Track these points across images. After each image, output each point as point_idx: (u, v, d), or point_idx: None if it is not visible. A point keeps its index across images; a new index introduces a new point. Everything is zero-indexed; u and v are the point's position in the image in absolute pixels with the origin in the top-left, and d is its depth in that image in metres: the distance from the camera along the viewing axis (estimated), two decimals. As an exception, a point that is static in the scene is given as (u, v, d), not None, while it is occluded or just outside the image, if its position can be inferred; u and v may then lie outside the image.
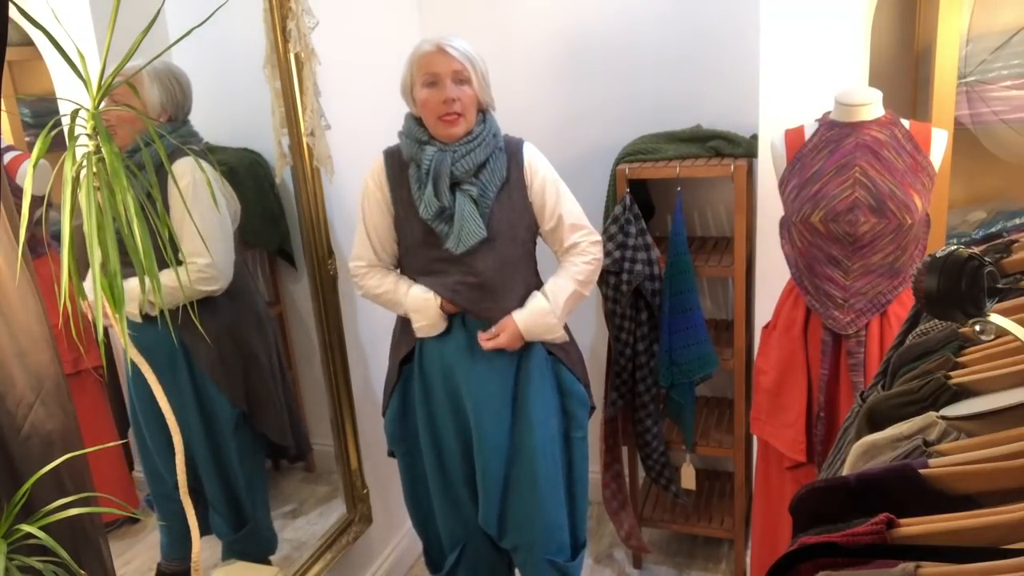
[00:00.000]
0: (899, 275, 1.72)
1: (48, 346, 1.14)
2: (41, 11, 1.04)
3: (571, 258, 1.87)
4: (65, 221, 1.01)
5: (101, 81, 1.05)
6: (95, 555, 1.22)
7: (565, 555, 2.01)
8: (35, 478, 1.04)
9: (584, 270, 1.87)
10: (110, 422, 1.74)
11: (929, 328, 1.03)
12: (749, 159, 2.25)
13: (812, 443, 1.86)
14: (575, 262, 1.87)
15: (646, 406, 2.37)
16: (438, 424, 1.93)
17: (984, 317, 0.76)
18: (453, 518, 2.01)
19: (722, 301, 2.68)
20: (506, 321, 1.83)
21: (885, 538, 0.59)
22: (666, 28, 2.43)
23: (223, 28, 1.26)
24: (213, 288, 1.78)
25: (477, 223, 1.75)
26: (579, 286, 1.86)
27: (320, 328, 2.13)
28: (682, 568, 2.60)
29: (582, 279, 1.87)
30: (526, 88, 2.61)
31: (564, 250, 1.88)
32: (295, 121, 1.96)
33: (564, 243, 1.87)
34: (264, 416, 1.97)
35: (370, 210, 1.86)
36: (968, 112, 2.00)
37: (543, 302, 1.84)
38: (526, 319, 1.83)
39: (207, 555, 1.88)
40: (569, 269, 1.87)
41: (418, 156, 1.77)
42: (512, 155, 1.83)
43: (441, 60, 1.72)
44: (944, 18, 1.90)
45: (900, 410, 0.85)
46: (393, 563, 2.57)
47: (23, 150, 1.51)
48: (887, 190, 1.64)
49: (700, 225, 2.61)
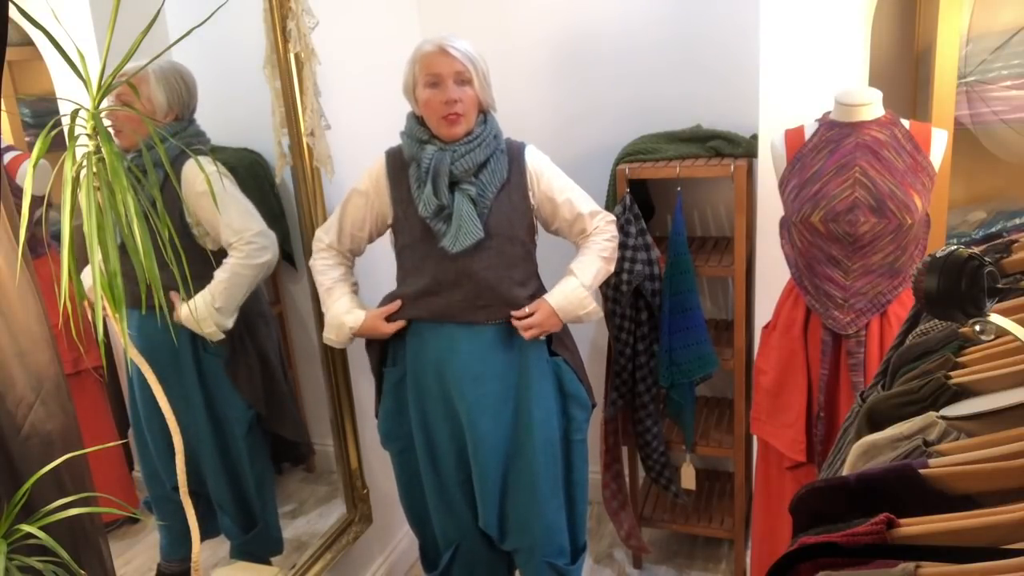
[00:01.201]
0: (899, 275, 1.72)
1: (48, 346, 1.14)
2: (41, 11, 1.04)
3: (592, 238, 1.91)
4: (65, 221, 1.01)
5: (101, 81, 1.05)
6: (95, 555, 1.22)
7: (565, 558, 2.01)
8: (35, 478, 1.04)
9: (607, 247, 1.91)
10: (110, 422, 1.74)
11: (929, 328, 1.03)
12: (749, 159, 2.24)
13: (812, 443, 1.86)
14: (597, 240, 1.90)
15: (646, 406, 2.37)
16: (432, 426, 1.92)
17: (984, 317, 0.76)
18: (447, 519, 2.00)
19: (722, 301, 2.68)
20: (539, 302, 1.84)
21: (885, 538, 0.59)
22: (666, 28, 2.43)
23: (223, 28, 1.26)
24: (268, 258, 1.79)
25: (475, 223, 1.75)
26: (604, 262, 1.91)
27: (320, 328, 2.13)
28: (682, 568, 2.60)
29: (607, 255, 1.91)
30: (526, 88, 2.61)
31: (586, 236, 1.92)
32: (295, 121, 1.96)
33: (587, 230, 1.90)
34: (280, 416, 1.98)
35: (354, 203, 1.88)
36: (968, 112, 2.00)
37: (571, 280, 1.86)
38: (558, 297, 1.84)
39: (207, 555, 1.88)
40: (592, 248, 1.90)
41: (418, 155, 1.77)
42: (514, 158, 1.84)
43: (443, 61, 1.73)
44: (944, 18, 1.90)
45: (900, 410, 0.85)
46: (393, 563, 2.57)
47: (23, 150, 1.51)
48: (887, 190, 1.64)
49: (700, 225, 2.61)
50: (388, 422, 1.98)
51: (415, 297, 1.85)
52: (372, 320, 1.87)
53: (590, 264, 1.88)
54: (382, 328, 1.86)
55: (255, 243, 1.77)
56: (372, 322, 1.87)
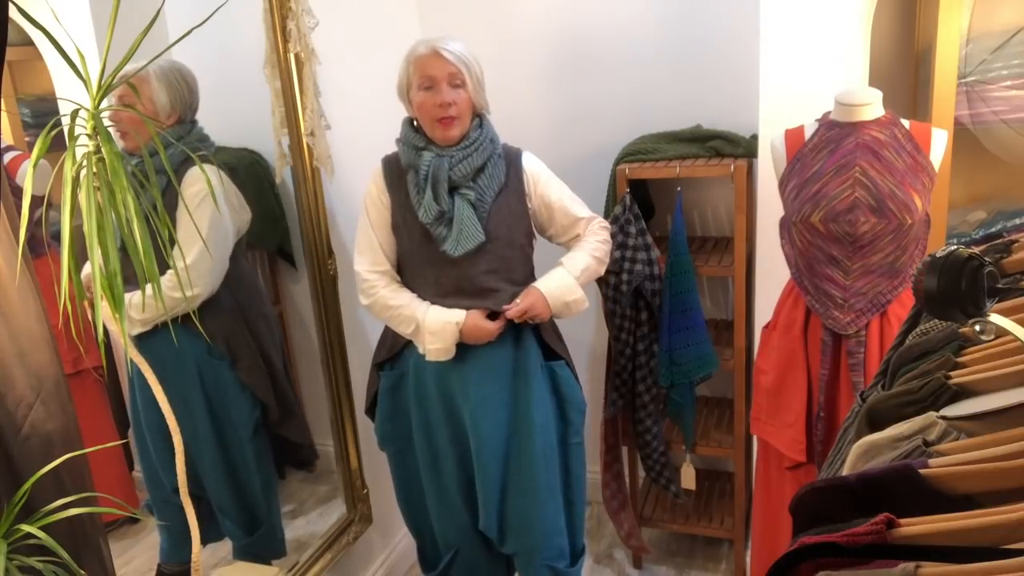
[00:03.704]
0: (899, 275, 1.72)
1: (48, 346, 1.14)
2: (41, 11, 1.04)
3: (586, 238, 1.93)
4: (65, 221, 1.01)
5: (101, 81, 1.05)
6: (95, 555, 1.22)
7: (565, 561, 2.01)
8: (35, 478, 1.04)
9: (599, 247, 1.93)
10: (110, 422, 1.74)
11: (929, 328, 1.03)
12: (749, 159, 2.24)
13: (812, 443, 1.86)
14: (589, 240, 1.93)
15: (646, 406, 2.37)
16: (433, 429, 1.92)
17: (984, 317, 0.76)
18: (447, 522, 2.00)
19: (722, 301, 2.68)
20: (528, 290, 1.83)
21: (885, 538, 0.59)
22: (667, 28, 2.43)
23: (223, 28, 1.26)
24: (194, 292, 1.67)
25: (476, 227, 1.76)
26: (595, 262, 1.92)
27: (320, 328, 2.13)
28: (682, 568, 2.60)
29: (598, 255, 1.93)
30: (526, 88, 2.61)
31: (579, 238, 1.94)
32: (295, 121, 1.96)
33: (582, 235, 1.93)
34: (286, 417, 1.98)
35: (377, 218, 1.86)
36: (968, 112, 2.00)
37: (560, 270, 1.88)
38: (545, 281, 1.85)
39: (207, 556, 1.88)
40: (584, 246, 1.92)
41: (416, 162, 1.78)
42: (511, 162, 1.85)
43: (437, 63, 1.73)
44: (944, 18, 1.90)
45: (900, 410, 0.85)
46: (393, 563, 2.57)
47: (23, 150, 1.51)
48: (887, 190, 1.64)
49: (700, 225, 2.61)
50: (385, 424, 1.98)
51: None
52: (474, 317, 1.79)
53: (580, 259, 1.90)
54: (485, 325, 1.79)
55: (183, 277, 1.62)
56: (475, 319, 1.79)
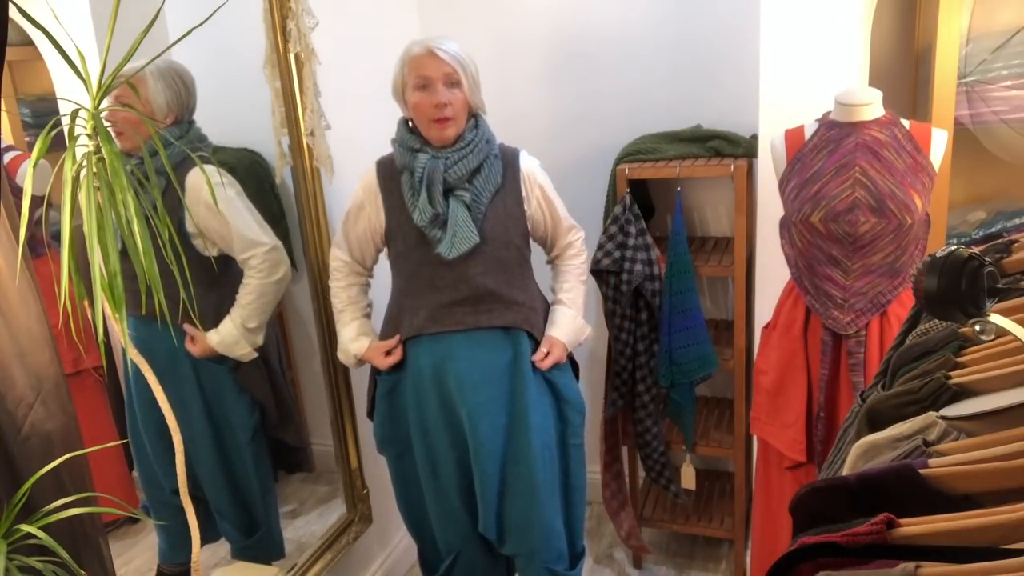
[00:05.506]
0: (899, 275, 1.72)
1: (48, 346, 1.14)
2: (41, 11, 1.04)
3: (569, 261, 2.00)
4: (65, 221, 1.01)
5: (101, 81, 1.05)
6: (95, 555, 1.22)
7: (564, 563, 2.00)
8: (35, 478, 1.04)
9: (583, 269, 2.01)
10: (110, 422, 1.74)
11: (929, 328, 1.03)
12: (749, 159, 2.24)
13: (812, 443, 1.86)
14: (574, 264, 2.00)
15: (646, 406, 2.37)
16: (431, 433, 1.91)
17: (984, 317, 0.76)
18: (447, 526, 1.99)
19: (722, 301, 2.68)
20: (550, 340, 1.91)
21: (885, 538, 0.59)
22: (667, 28, 2.43)
23: (223, 28, 1.26)
24: (285, 269, 1.85)
25: (471, 229, 1.76)
26: (583, 284, 2.02)
27: (320, 328, 2.13)
28: (682, 568, 2.60)
29: (584, 278, 2.03)
30: (526, 88, 2.61)
31: (560, 250, 1.99)
32: (295, 121, 1.96)
33: (562, 244, 1.98)
34: (284, 420, 1.99)
35: (354, 218, 1.90)
36: (968, 112, 2.00)
37: (568, 311, 1.95)
38: (566, 332, 1.93)
39: (206, 556, 1.88)
40: (571, 272, 1.99)
41: (411, 164, 1.77)
42: (508, 163, 1.85)
43: (432, 63, 1.72)
44: (944, 18, 1.90)
45: (900, 410, 0.85)
46: (393, 563, 2.57)
47: (23, 150, 1.51)
48: (887, 190, 1.64)
49: (700, 225, 2.61)
50: (383, 428, 1.98)
51: (413, 310, 1.85)
52: (371, 353, 1.91)
53: (576, 291, 1.99)
54: (379, 362, 1.90)
55: (270, 259, 1.80)
56: (371, 354, 1.92)
